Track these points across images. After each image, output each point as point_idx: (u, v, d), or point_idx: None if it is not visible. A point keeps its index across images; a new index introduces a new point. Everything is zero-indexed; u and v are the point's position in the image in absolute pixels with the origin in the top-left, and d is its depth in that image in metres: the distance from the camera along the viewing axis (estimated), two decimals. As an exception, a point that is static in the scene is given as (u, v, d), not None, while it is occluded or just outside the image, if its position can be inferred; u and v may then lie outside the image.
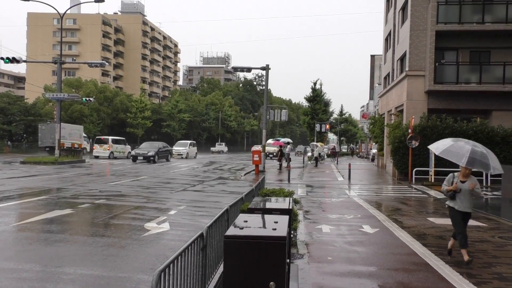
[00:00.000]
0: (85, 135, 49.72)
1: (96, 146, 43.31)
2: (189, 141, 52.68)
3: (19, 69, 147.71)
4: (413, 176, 22.60)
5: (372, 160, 48.42)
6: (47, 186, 18.30)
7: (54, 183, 19.55)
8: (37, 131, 41.94)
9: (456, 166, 24.00)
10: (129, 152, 45.89)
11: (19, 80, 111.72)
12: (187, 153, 49.40)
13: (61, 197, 15.09)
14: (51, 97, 34.28)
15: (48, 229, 9.99)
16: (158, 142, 45.90)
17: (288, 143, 60.14)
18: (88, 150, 49.29)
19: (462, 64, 25.02)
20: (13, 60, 29.89)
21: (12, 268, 7.00)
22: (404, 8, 28.42)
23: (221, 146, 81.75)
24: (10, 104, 55.51)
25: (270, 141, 56.91)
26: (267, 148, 47.27)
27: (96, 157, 42.45)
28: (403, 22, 28.40)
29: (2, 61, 29.92)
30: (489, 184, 21.77)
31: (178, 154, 48.42)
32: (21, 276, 6.63)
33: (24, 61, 31.90)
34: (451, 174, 8.21)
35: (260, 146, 43.10)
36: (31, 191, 16.32)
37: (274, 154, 48.05)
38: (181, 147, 50.43)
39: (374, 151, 47.07)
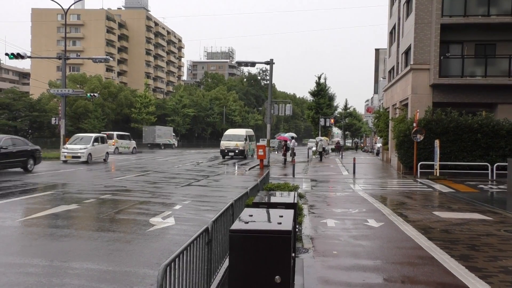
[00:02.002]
0: (174, 134, 71.59)
1: None
2: (93, 135, 31.41)
3: (24, 65, 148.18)
4: (418, 170, 22.55)
5: (377, 154, 48.33)
6: (52, 181, 18.38)
7: (59, 178, 19.63)
8: (43, 127, 57.05)
9: (461, 160, 23.67)
10: (134, 147, 46.00)
11: (24, 76, 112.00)
12: (89, 154, 29.55)
13: (66, 192, 15.15)
14: (55, 92, 34.37)
15: (54, 224, 10.04)
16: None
17: (293, 137, 60.10)
18: (176, 145, 69.45)
19: (467, 57, 24.87)
20: (17, 56, 29.95)
21: (18, 263, 7.04)
22: (408, 1, 28.26)
23: None
24: (15, 100, 55.76)
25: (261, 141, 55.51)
26: (224, 143, 39.12)
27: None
28: (407, 15, 28.24)
29: (7, 57, 29.99)
30: (494, 178, 21.70)
31: (73, 157, 28.95)
32: (27, 270, 6.67)
33: (29, 57, 31.95)
34: None
35: (264, 139, 42.95)
36: (36, 187, 16.39)
37: (236, 151, 38.15)
38: (79, 144, 29.89)
39: (379, 145, 46.95)
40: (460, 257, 7.63)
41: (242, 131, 40.69)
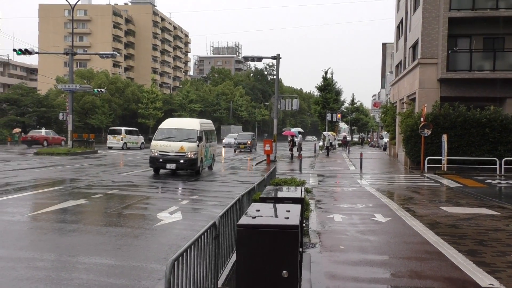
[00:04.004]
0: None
1: (109, 137, 43.58)
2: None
3: (32, 60, 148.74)
4: (426, 165, 22.45)
5: (384, 149, 48.17)
6: (60, 176, 18.49)
7: (67, 173, 19.75)
8: (51, 122, 56.50)
9: (469, 155, 23.64)
10: (143, 143, 46.10)
11: (32, 71, 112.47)
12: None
13: (74, 187, 15.24)
14: (63, 88, 34.57)
15: (62, 219, 10.11)
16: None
17: (299, 132, 59.96)
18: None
19: (476, 51, 24.68)
20: (25, 52, 30.11)
21: (27, 257, 7.10)
22: (416, -5, 28.05)
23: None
24: (23, 96, 56.06)
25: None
26: (158, 144, 33.31)
27: (110, 147, 42.74)
28: (415, 9, 28.04)
29: (14, 53, 30.17)
30: (503, 172, 21.57)
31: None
32: (36, 265, 6.73)
33: (36, 53, 32.14)
34: None
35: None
36: (45, 182, 16.50)
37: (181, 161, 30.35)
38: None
39: (386, 140, 46.76)
40: (468, 252, 7.60)
41: (192, 123, 21.16)
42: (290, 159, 32.52)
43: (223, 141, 57.31)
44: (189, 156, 19.11)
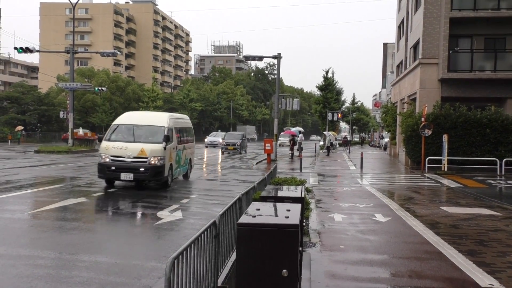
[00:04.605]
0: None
1: None
2: None
3: (32, 59, 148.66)
4: (426, 165, 22.44)
5: (385, 149, 48.16)
6: (61, 175, 18.50)
7: (68, 172, 19.76)
8: (52, 121, 57.71)
9: (470, 155, 23.62)
10: None
11: (33, 70, 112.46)
12: None
13: (75, 185, 15.26)
14: (64, 86, 34.56)
15: (63, 217, 10.12)
16: None
17: (300, 132, 59.98)
18: (256, 139, 73.54)
19: (477, 51, 24.65)
20: (26, 50, 30.12)
21: (28, 255, 7.11)
22: (417, -5, 28.03)
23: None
24: (24, 94, 56.07)
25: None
26: (110, 147, 32.61)
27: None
28: (416, 9, 28.02)
29: (16, 51, 30.17)
30: (503, 173, 21.56)
31: None
32: (37, 263, 6.74)
33: (37, 51, 32.18)
34: None
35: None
36: (45, 180, 16.51)
37: (141, 169, 23.72)
38: None
39: (386, 140, 46.74)
40: (468, 252, 7.60)
41: (159, 118, 16.17)
42: (290, 159, 32.52)
43: (205, 140, 52.32)
44: (153, 162, 14.09)
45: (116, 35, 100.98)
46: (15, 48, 29.96)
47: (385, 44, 77.97)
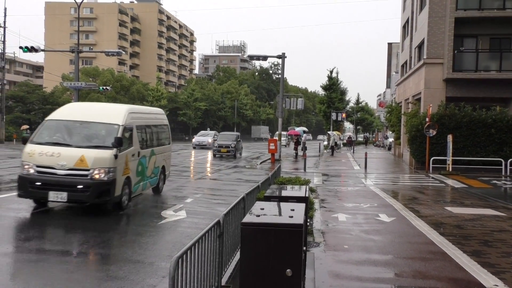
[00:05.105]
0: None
1: None
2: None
3: (38, 58, 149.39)
4: (430, 165, 22.37)
5: (389, 149, 48.04)
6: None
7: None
8: None
9: (475, 155, 23.51)
10: None
11: (38, 69, 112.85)
12: None
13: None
14: (69, 86, 34.59)
15: (68, 215, 10.15)
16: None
17: (304, 132, 59.90)
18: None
19: (482, 51, 24.55)
20: (31, 50, 30.17)
21: (35, 248, 7.13)
22: (422, -6, 27.94)
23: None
24: (29, 93, 56.28)
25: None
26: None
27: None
28: (421, 8, 27.93)
29: (21, 50, 30.23)
30: (508, 173, 21.46)
31: None
32: (42, 258, 6.75)
33: (42, 50, 32.23)
34: None
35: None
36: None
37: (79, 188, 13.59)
38: None
39: (390, 140, 46.62)
40: (472, 253, 7.58)
41: (110, 112, 11.69)
42: (294, 158, 32.49)
43: (193, 140, 45.60)
44: (97, 176, 9.92)
45: (120, 34, 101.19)
46: (20, 47, 30.00)
47: (389, 44, 77.76)
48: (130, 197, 11.27)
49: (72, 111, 11.75)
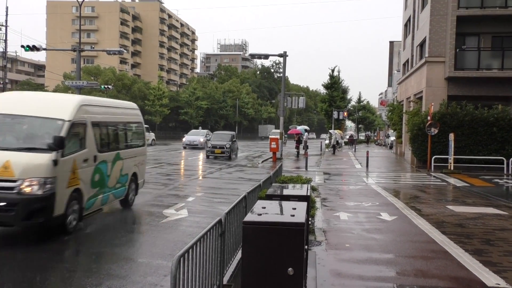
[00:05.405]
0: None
1: None
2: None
3: (39, 57, 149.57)
4: (432, 164, 22.35)
5: (390, 147, 48.00)
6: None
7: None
8: None
9: (476, 154, 23.45)
10: (153, 139, 45.68)
11: (39, 68, 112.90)
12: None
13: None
14: (70, 84, 34.59)
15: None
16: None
17: (306, 130, 59.89)
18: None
19: (484, 49, 24.50)
20: (33, 48, 30.18)
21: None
22: (424, -7, 27.88)
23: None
24: (31, 92, 56.33)
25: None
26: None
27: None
28: (423, 7, 27.88)
29: (22, 49, 30.26)
30: (510, 172, 21.43)
31: None
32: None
33: (44, 49, 32.24)
34: None
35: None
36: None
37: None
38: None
39: (392, 138, 46.57)
40: (474, 252, 7.57)
41: (54, 103, 9.05)
42: (296, 157, 32.49)
43: (183, 140, 41.83)
44: (27, 190, 7.50)
45: (122, 33, 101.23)
46: (22, 46, 30.03)
47: (391, 42, 77.72)
48: (82, 215, 8.60)
49: (5, 102, 8.89)
